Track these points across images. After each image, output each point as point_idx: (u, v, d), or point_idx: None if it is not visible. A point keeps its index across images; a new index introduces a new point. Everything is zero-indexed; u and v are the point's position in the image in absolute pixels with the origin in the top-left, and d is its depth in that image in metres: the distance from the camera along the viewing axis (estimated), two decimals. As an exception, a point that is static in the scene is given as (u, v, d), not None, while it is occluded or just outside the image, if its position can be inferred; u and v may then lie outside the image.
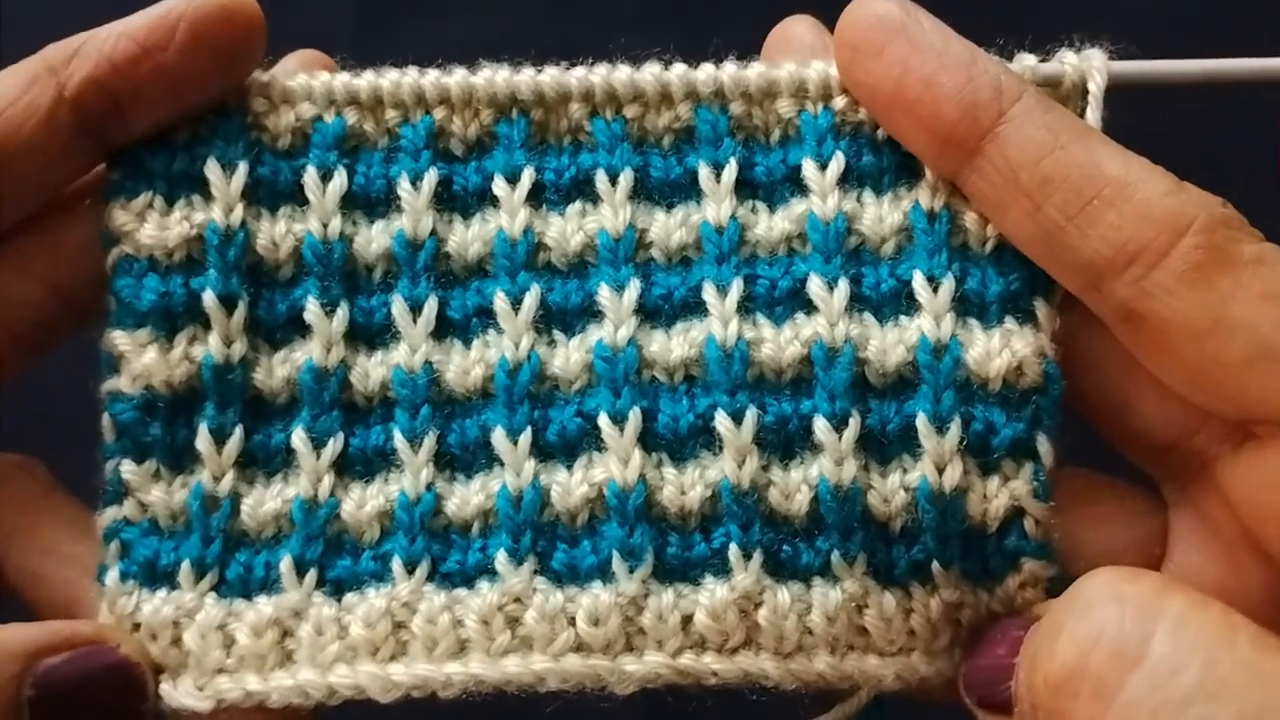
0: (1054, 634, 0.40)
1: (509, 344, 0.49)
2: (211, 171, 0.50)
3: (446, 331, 0.50)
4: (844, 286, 0.48)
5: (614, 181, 0.50)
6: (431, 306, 0.50)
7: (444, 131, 0.51)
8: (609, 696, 0.46)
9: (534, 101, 0.51)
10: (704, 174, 0.50)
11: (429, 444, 0.49)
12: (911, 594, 0.47)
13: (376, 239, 0.50)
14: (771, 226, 0.50)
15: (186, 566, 0.48)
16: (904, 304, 0.49)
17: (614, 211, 0.50)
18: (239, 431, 0.49)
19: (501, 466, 0.48)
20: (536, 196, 0.50)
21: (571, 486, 0.48)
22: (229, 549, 0.49)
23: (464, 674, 0.46)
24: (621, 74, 0.50)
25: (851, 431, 0.47)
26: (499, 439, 0.48)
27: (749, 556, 0.46)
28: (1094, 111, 0.48)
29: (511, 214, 0.50)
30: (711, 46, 0.51)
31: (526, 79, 0.50)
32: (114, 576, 0.48)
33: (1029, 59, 0.49)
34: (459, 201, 0.51)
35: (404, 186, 0.50)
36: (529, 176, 0.50)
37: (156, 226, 0.49)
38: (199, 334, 0.49)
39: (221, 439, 0.49)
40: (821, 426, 0.47)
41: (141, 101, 0.48)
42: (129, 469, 0.49)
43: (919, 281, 0.48)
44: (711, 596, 0.46)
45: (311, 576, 0.48)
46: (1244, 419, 0.45)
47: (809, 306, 0.49)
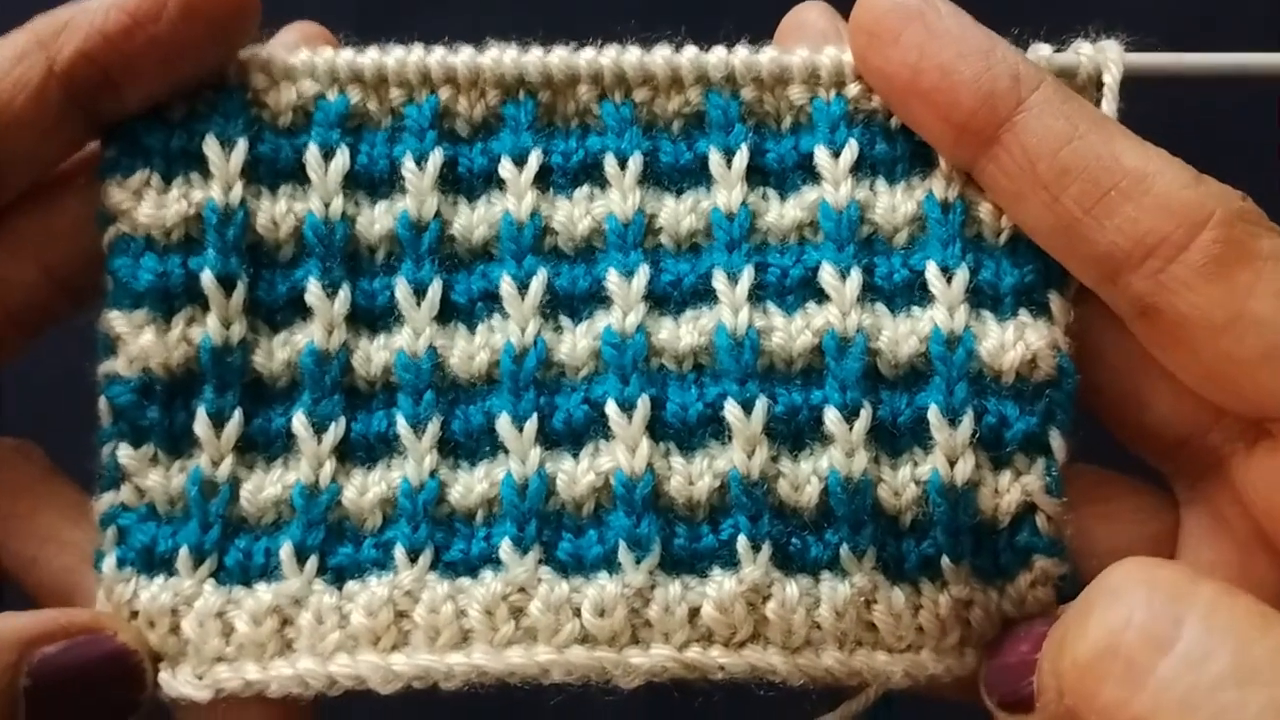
0: (1083, 617, 0.40)
1: (515, 329, 0.48)
2: (210, 149, 0.48)
3: (451, 316, 0.49)
4: (856, 276, 0.48)
5: (623, 166, 0.49)
6: (436, 290, 0.49)
7: (449, 112, 0.50)
8: (614, 690, 0.46)
9: (541, 83, 0.50)
10: (714, 160, 0.49)
11: (432, 430, 0.48)
12: (921, 590, 0.47)
13: (380, 220, 0.49)
14: (783, 214, 0.49)
15: (185, 553, 0.47)
16: (917, 294, 0.48)
17: (623, 196, 0.49)
18: (238, 415, 0.48)
19: (506, 454, 0.47)
20: (544, 179, 0.50)
21: (578, 475, 0.47)
22: (228, 535, 0.48)
23: (467, 665, 0.45)
24: (631, 56, 0.49)
25: (862, 423, 0.47)
26: (504, 426, 0.47)
27: (757, 549, 0.46)
28: (1109, 104, 0.48)
29: (518, 197, 0.49)
30: (723, 31, 0.50)
31: (534, 60, 0.49)
32: (111, 563, 0.48)
33: (1044, 49, 0.49)
34: (464, 183, 0.50)
35: (408, 167, 0.49)
36: (536, 159, 0.49)
37: (154, 205, 0.48)
38: (197, 315, 0.48)
39: (220, 423, 0.48)
40: (832, 417, 0.47)
41: (134, 74, 0.47)
42: (126, 453, 0.48)
43: (932, 272, 0.48)
44: (719, 589, 0.46)
45: (312, 564, 0.47)
46: (1259, 416, 0.44)
47: (821, 296, 0.48)
